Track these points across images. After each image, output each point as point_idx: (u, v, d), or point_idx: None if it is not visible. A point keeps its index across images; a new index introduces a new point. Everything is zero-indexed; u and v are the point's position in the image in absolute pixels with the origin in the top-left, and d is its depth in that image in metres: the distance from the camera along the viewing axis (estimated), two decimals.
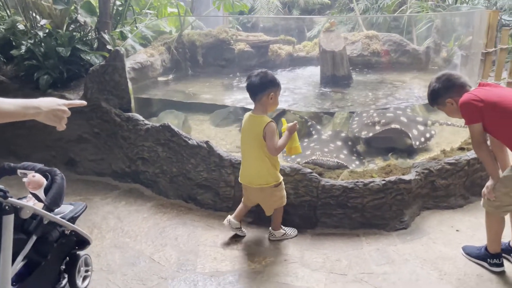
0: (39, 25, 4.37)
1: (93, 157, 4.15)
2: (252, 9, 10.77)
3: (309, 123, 4.20)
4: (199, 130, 4.42)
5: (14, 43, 4.35)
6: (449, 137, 4.18)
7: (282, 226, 3.15)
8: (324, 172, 3.39)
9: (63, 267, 2.47)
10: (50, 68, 4.19)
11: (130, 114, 3.86)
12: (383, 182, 3.13)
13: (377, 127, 3.91)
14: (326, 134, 4.04)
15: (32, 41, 4.22)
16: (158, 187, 3.80)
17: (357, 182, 3.13)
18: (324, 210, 3.19)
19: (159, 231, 3.24)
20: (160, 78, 4.81)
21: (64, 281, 2.47)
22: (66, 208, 2.49)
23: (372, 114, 4.04)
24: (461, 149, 3.67)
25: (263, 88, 2.81)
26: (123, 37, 4.64)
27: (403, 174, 3.33)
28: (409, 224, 3.20)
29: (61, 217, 2.31)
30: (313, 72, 4.90)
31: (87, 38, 4.54)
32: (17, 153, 4.48)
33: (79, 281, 2.50)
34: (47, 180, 2.29)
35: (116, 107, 3.96)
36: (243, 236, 3.14)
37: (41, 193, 2.26)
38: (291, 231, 3.14)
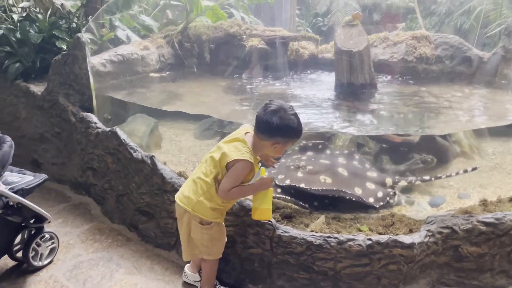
0: (19, 8, 3.92)
1: (54, 160, 3.59)
2: (328, 12, 9.87)
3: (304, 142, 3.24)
4: (174, 141, 3.65)
5: None
6: (503, 179, 2.95)
7: (218, 284, 2.27)
8: (296, 215, 2.43)
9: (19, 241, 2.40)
10: (24, 56, 3.71)
11: (84, 114, 3.21)
12: (368, 242, 2.11)
13: (299, 174, 2.76)
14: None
15: (6, 26, 3.77)
16: (106, 206, 3.11)
17: (329, 237, 2.14)
18: (282, 270, 2.25)
19: (72, 265, 2.53)
20: (152, 74, 4.14)
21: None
22: (24, 179, 2.34)
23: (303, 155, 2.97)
24: None
25: (271, 133, 1.95)
26: (112, 25, 4.04)
27: (410, 231, 2.28)
28: None
29: (11, 188, 2.19)
30: None
31: (70, 24, 3.99)
32: None
33: (39, 258, 2.45)
34: None
35: (77, 104, 3.35)
36: None
37: None
38: None
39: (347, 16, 3.46)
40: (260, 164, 2.13)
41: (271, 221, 2.21)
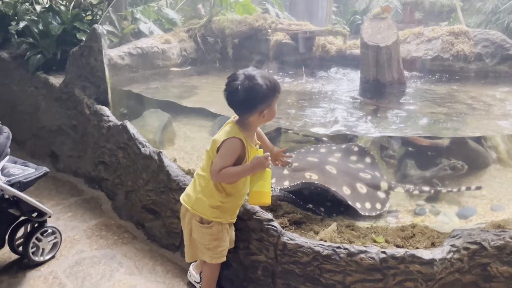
0: None
1: (71, 152, 3.56)
2: (367, 10, 9.57)
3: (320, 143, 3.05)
4: (189, 138, 3.53)
5: (16, 18, 3.97)
6: None
7: None
8: (306, 221, 2.25)
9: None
10: (45, 48, 3.71)
11: (98, 107, 3.15)
12: (382, 255, 1.90)
13: (285, 172, 2.61)
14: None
15: (29, 17, 3.78)
16: (116, 202, 3.03)
17: (338, 247, 1.95)
18: (286, 280, 2.07)
19: (74, 262, 2.46)
20: (172, 69, 4.04)
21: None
22: (25, 171, 2.27)
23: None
24: None
25: (250, 107, 1.81)
26: (134, 18, 3.98)
27: (432, 245, 2.05)
28: None
29: (8, 180, 2.13)
30: None
31: (94, 16, 3.96)
32: (16, 139, 4.11)
33: (40, 253, 2.41)
34: None
35: (92, 97, 3.29)
36: None
37: None
38: None
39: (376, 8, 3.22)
40: (257, 146, 1.95)
41: (276, 227, 2.04)
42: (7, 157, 2.26)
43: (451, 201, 2.50)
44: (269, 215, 2.08)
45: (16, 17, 3.94)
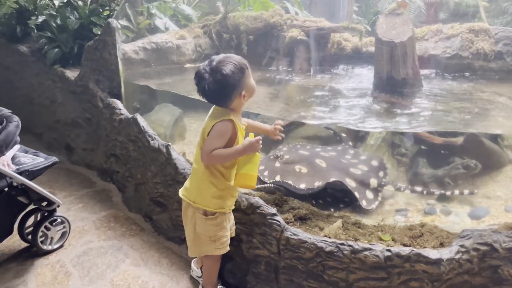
0: None
1: (85, 145, 3.61)
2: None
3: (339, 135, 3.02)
4: (199, 133, 3.50)
5: (36, 12, 4.04)
6: None
7: (219, 285, 2.12)
8: (312, 217, 2.21)
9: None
10: (63, 42, 3.77)
11: (110, 100, 3.18)
12: (387, 253, 1.85)
13: (277, 164, 2.66)
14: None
15: (48, 12, 3.85)
16: (126, 194, 3.06)
17: (342, 244, 1.91)
18: (289, 276, 2.04)
19: (81, 251, 2.49)
20: (187, 65, 4.06)
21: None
22: (35, 160, 2.31)
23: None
24: None
25: (227, 98, 1.80)
26: (149, 13, 4.00)
27: (441, 245, 1.99)
28: None
29: (17, 168, 2.17)
30: None
31: (111, 11, 4.00)
32: (33, 131, 4.21)
33: (48, 242, 2.45)
34: (1, 125, 2.21)
35: (106, 90, 3.33)
36: None
37: None
38: None
39: (402, 10, 3.11)
40: (244, 129, 1.94)
41: (279, 221, 2.01)
42: (18, 146, 2.30)
43: (463, 201, 2.42)
44: (273, 210, 2.05)
45: (36, 12, 4.02)
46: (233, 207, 2.02)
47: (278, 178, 2.53)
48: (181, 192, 2.01)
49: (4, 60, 4.21)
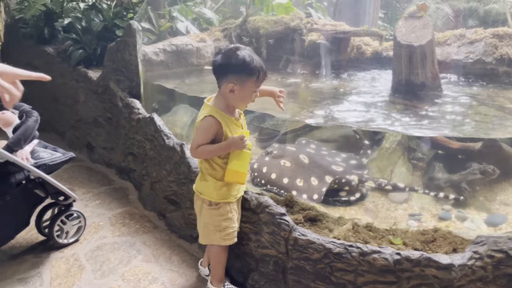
0: None
1: (105, 144, 3.70)
2: None
3: (362, 140, 3.01)
4: None
5: (63, 15, 4.18)
6: None
7: (227, 283, 2.12)
8: (322, 218, 2.19)
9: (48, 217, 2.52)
10: (87, 43, 3.88)
11: (129, 99, 3.25)
12: (396, 257, 1.81)
13: (267, 159, 2.92)
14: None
15: (74, 14, 3.98)
16: (142, 192, 3.11)
17: (351, 246, 1.88)
18: (297, 277, 2.03)
19: (95, 246, 2.54)
20: (206, 67, 4.10)
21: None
22: (53, 155, 2.37)
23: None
24: None
25: (222, 72, 1.86)
26: (171, 16, 4.08)
27: (454, 250, 1.94)
28: None
29: (35, 162, 2.24)
30: None
31: (135, 14, 4.09)
32: (57, 129, 4.34)
33: (64, 236, 2.51)
34: (20, 119, 2.27)
35: (126, 90, 3.41)
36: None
37: (9, 132, 2.27)
38: None
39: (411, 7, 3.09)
40: (238, 119, 1.97)
41: (288, 221, 2.00)
42: (37, 141, 2.37)
43: (480, 208, 2.35)
44: (282, 209, 2.05)
45: (62, 14, 4.15)
46: (240, 195, 2.06)
47: (265, 170, 2.78)
48: (194, 185, 2.09)
49: (33, 61, 4.36)
